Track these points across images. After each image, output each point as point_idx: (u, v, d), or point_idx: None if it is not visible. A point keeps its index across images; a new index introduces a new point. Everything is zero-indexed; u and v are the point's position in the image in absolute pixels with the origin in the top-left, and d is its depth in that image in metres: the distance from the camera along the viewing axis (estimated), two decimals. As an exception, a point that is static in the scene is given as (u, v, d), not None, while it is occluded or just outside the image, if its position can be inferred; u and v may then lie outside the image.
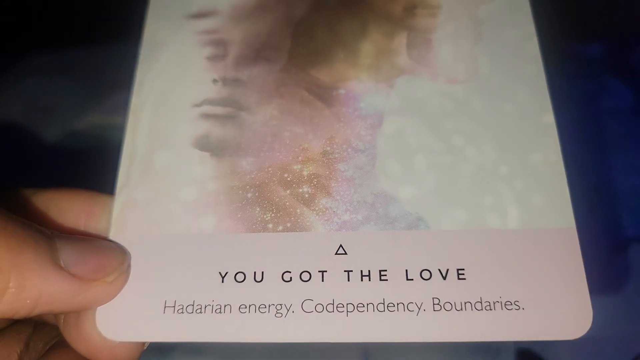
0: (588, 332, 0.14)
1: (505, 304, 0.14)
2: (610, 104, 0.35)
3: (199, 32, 0.19)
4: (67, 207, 0.16)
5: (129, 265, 0.15)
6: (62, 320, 0.15)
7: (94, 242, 0.15)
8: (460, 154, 0.16)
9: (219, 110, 0.17)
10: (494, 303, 0.14)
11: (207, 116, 0.17)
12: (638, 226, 0.31)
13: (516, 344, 0.27)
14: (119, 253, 0.15)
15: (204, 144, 0.17)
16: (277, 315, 0.14)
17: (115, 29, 0.40)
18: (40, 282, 0.12)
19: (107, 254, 0.14)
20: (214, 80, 0.18)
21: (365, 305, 0.14)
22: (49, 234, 0.13)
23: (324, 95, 0.17)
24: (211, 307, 0.15)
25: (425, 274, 0.15)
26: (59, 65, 0.40)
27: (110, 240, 0.15)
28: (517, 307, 0.14)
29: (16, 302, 0.12)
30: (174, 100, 0.17)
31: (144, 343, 0.15)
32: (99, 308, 0.15)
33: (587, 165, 0.31)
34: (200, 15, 0.19)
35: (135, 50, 0.19)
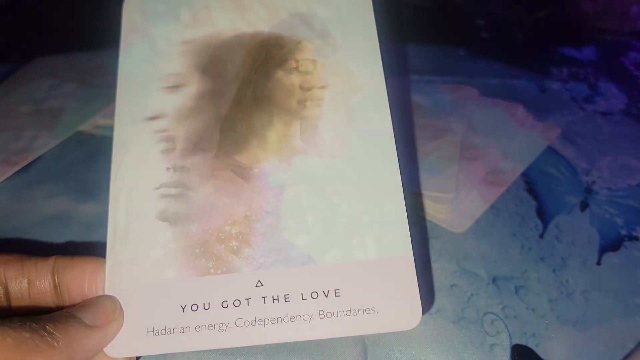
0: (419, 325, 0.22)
1: (365, 310, 0.22)
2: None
3: (154, 131, 0.26)
4: (78, 268, 0.23)
5: (121, 306, 0.23)
6: None
7: (93, 300, 0.23)
8: (337, 210, 0.24)
9: (172, 191, 0.25)
10: (358, 310, 0.22)
11: (164, 196, 0.25)
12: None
13: (512, 340, 0.28)
14: (111, 299, 0.23)
15: (164, 216, 0.24)
16: (220, 330, 0.22)
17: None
18: (88, 342, 0.21)
19: (105, 304, 0.22)
20: (167, 168, 0.25)
21: (276, 319, 0.22)
22: (70, 313, 0.21)
23: (244, 174, 0.25)
24: (177, 329, 0.22)
25: (314, 295, 0.23)
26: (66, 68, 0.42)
27: (103, 295, 0.23)
28: (374, 312, 0.22)
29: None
30: (140, 186, 0.25)
31: (137, 358, 0.23)
32: (104, 337, 0.22)
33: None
34: (154, 117, 0.26)
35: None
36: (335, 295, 0.23)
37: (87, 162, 0.36)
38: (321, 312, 0.22)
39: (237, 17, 0.28)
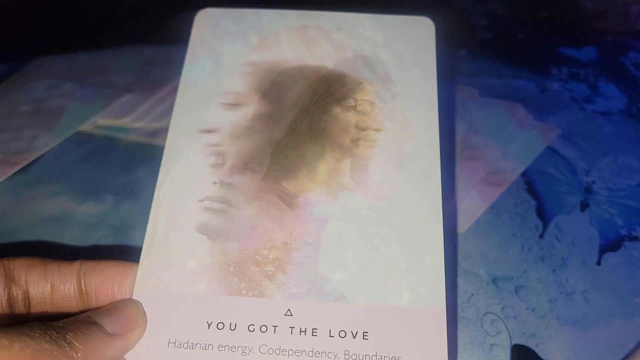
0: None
1: (391, 358, 0.22)
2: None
3: (206, 144, 0.26)
4: (108, 272, 0.23)
5: (144, 312, 0.23)
6: None
7: (116, 305, 0.22)
8: (377, 252, 0.24)
9: (216, 205, 0.25)
10: (384, 356, 0.22)
11: (207, 209, 0.25)
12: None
13: (512, 340, 0.28)
14: (135, 305, 0.22)
15: (203, 229, 0.24)
16: (243, 354, 0.22)
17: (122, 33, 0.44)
18: (109, 351, 0.20)
19: (129, 309, 0.22)
20: (214, 183, 0.25)
21: (301, 352, 0.22)
22: (91, 318, 0.21)
23: (289, 201, 0.25)
24: (199, 345, 0.22)
25: (342, 334, 0.22)
26: (66, 68, 0.42)
27: (126, 299, 0.23)
28: (399, 361, 0.22)
29: None
30: (184, 195, 0.25)
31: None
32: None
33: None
34: (208, 130, 0.27)
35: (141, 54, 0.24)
36: (363, 338, 0.22)
37: (87, 162, 0.36)
38: (347, 353, 0.22)
39: (303, 49, 0.29)
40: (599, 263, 0.31)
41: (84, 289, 0.23)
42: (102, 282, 0.23)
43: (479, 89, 0.40)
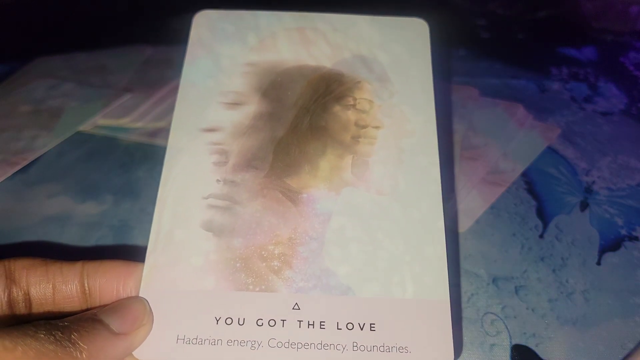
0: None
1: (399, 348, 0.22)
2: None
3: (208, 143, 0.26)
4: (112, 271, 0.23)
5: (151, 310, 0.22)
6: None
7: (122, 303, 0.22)
8: (380, 245, 0.24)
9: (220, 202, 0.25)
10: (392, 347, 0.22)
11: (211, 206, 0.25)
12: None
13: (512, 340, 0.28)
14: (141, 302, 0.22)
15: (209, 226, 0.24)
16: (252, 348, 0.22)
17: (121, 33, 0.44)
18: (114, 351, 0.20)
19: (135, 307, 0.22)
20: (217, 180, 0.26)
21: (310, 345, 0.22)
22: (97, 317, 0.21)
23: (293, 197, 0.25)
24: (208, 340, 0.22)
25: (350, 326, 0.23)
26: (66, 68, 0.42)
27: (132, 297, 0.23)
28: (406, 351, 0.22)
29: None
30: (188, 193, 0.25)
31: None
32: (133, 338, 0.22)
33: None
34: (210, 129, 0.27)
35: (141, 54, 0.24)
36: (371, 329, 0.23)
37: (87, 162, 0.36)
38: (355, 345, 0.22)
39: (301, 50, 0.29)
40: (599, 263, 0.31)
41: (87, 289, 0.23)
42: (106, 282, 0.23)
43: (479, 89, 0.40)
